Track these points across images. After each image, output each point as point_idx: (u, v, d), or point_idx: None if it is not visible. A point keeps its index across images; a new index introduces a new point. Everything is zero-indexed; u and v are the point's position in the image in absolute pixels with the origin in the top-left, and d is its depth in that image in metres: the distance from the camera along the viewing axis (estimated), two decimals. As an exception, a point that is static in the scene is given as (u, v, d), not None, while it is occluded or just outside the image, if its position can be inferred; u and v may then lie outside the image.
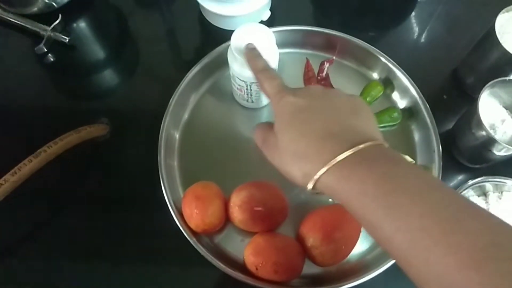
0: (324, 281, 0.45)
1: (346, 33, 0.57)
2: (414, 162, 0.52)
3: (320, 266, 0.45)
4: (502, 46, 0.46)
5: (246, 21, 0.57)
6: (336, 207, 0.47)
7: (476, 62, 0.53)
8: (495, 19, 0.48)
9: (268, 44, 0.45)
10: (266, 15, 0.61)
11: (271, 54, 0.46)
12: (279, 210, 0.46)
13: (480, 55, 0.52)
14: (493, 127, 0.47)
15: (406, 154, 0.52)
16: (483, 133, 0.44)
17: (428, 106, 0.52)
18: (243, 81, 0.49)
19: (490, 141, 0.45)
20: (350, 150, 0.28)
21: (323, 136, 0.30)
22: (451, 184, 0.51)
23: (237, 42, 0.45)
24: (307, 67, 0.57)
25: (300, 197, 0.50)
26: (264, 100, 0.54)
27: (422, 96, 0.52)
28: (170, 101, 0.52)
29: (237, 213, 0.45)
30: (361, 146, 0.29)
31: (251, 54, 0.41)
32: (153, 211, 0.49)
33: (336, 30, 0.57)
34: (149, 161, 0.49)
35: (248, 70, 0.46)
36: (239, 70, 0.47)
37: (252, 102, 0.53)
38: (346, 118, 0.32)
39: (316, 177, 0.29)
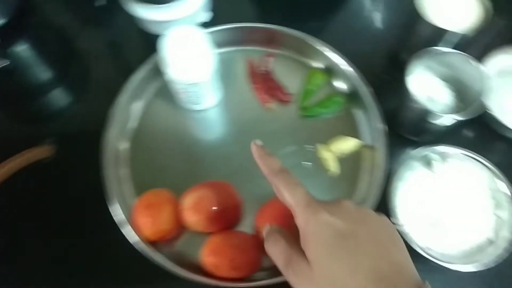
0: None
1: (288, 26, 0.58)
2: (361, 143, 0.53)
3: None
4: (423, 19, 0.48)
5: (185, 24, 0.57)
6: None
7: (406, 37, 0.55)
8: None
9: (200, 46, 0.45)
10: (207, 16, 0.61)
11: (205, 56, 0.46)
12: (232, 208, 0.47)
13: (408, 30, 0.53)
14: (429, 98, 0.49)
15: (351, 136, 0.53)
16: (418, 105, 0.46)
17: (368, 88, 0.53)
18: (179, 85, 0.49)
19: (426, 112, 0.46)
20: None
21: (374, 278, 0.27)
22: (399, 158, 0.52)
23: (165, 47, 0.45)
24: (249, 64, 0.58)
25: (255, 192, 0.51)
26: (209, 100, 0.54)
27: (363, 78, 0.53)
28: (111, 112, 0.52)
29: (188, 216, 0.45)
30: None
31: (261, 153, 0.37)
32: (106, 229, 0.47)
33: (278, 24, 0.58)
34: (98, 177, 0.49)
35: (183, 73, 0.46)
36: (173, 75, 0.47)
37: (197, 104, 0.54)
38: (391, 253, 0.29)
39: None
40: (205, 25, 0.60)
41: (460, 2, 0.49)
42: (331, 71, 0.57)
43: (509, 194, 0.45)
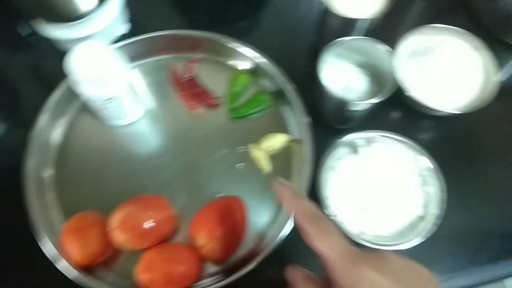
0: (233, 270, 0.45)
1: (210, 30, 0.57)
2: (289, 138, 0.53)
3: (215, 263, 0.45)
4: (331, 11, 0.49)
5: (103, 38, 0.56)
6: (218, 202, 0.47)
7: (322, 30, 0.55)
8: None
9: (107, 60, 0.44)
10: (125, 28, 0.60)
11: (114, 70, 0.45)
12: (164, 221, 0.46)
13: (322, 22, 0.54)
14: (346, 86, 0.50)
15: (283, 132, 0.53)
16: (333, 95, 0.46)
17: (291, 84, 0.53)
18: (94, 102, 0.47)
19: (342, 102, 0.47)
20: None
21: None
22: (328, 148, 0.52)
23: (71, 65, 0.44)
24: (172, 72, 0.57)
25: (190, 201, 0.50)
26: (134, 113, 0.53)
27: (286, 75, 0.54)
28: (30, 136, 0.50)
29: (116, 236, 0.43)
30: None
31: (289, 196, 0.32)
32: (37, 261, 0.46)
33: (202, 28, 0.57)
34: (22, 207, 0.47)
35: (93, 90, 0.45)
36: (86, 93, 0.46)
37: (120, 119, 0.52)
38: None
39: None
40: (124, 37, 0.59)
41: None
42: (255, 71, 0.57)
43: (434, 169, 0.46)
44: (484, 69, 0.54)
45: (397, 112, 0.57)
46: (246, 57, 0.57)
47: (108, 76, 0.45)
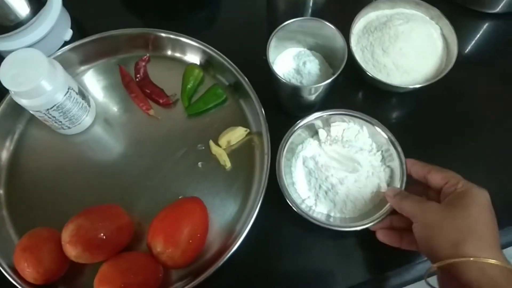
0: (202, 270, 0.44)
1: (161, 26, 0.55)
2: (248, 131, 0.51)
3: (175, 268, 0.44)
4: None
5: (43, 49, 0.53)
6: (175, 205, 0.45)
7: (271, 15, 0.53)
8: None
9: (41, 68, 0.42)
10: (69, 34, 0.57)
11: (50, 78, 0.43)
12: (118, 230, 0.44)
13: (271, 8, 0.52)
14: (298, 71, 0.47)
15: (242, 126, 0.51)
16: (284, 82, 0.44)
17: (245, 77, 0.51)
18: (38, 111, 0.45)
19: (295, 87, 0.45)
20: None
21: (496, 235, 0.36)
22: (289, 135, 0.49)
23: (6, 76, 0.41)
24: (122, 73, 0.55)
25: (150, 206, 0.48)
26: (84, 121, 0.51)
27: (236, 67, 0.52)
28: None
29: (69, 250, 0.41)
30: None
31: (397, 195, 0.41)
32: None
33: (152, 26, 0.55)
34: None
35: (33, 100, 0.43)
36: (26, 103, 0.44)
37: (69, 127, 0.50)
38: None
39: (481, 259, 0.33)
40: (70, 42, 0.56)
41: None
42: (208, 65, 0.55)
43: (394, 144, 0.44)
44: (443, 39, 0.51)
45: (358, 91, 0.55)
46: (198, 51, 0.54)
47: (45, 85, 0.43)
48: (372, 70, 0.50)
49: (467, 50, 0.58)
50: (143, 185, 0.50)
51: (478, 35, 0.59)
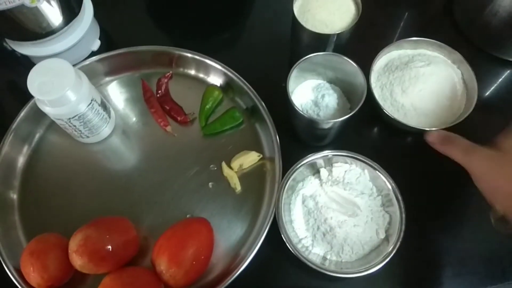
0: None
1: (186, 45, 0.56)
2: (261, 156, 0.51)
3: (177, 288, 0.44)
4: (301, 26, 0.47)
5: (71, 57, 0.55)
6: (182, 224, 0.45)
7: (296, 46, 0.54)
8: (294, 4, 0.49)
9: (68, 78, 0.43)
10: (97, 44, 0.59)
11: (75, 88, 0.44)
12: (125, 244, 0.44)
13: (295, 39, 0.53)
14: (316, 103, 0.48)
15: (255, 150, 0.52)
16: (302, 113, 0.45)
17: (262, 102, 0.52)
18: (60, 119, 0.46)
19: (311, 120, 0.45)
20: None
21: None
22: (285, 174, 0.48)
23: (33, 84, 0.43)
24: (144, 88, 0.56)
25: (157, 222, 0.49)
26: (103, 132, 0.52)
27: (255, 92, 0.53)
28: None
29: (74, 260, 0.42)
30: None
31: (444, 139, 0.42)
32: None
33: (176, 43, 0.57)
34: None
35: (58, 108, 0.44)
36: (49, 111, 0.45)
37: (87, 137, 0.51)
38: None
39: None
40: (97, 53, 0.58)
41: (333, 5, 0.49)
42: (227, 87, 0.56)
43: (395, 190, 0.44)
44: (464, 83, 0.51)
45: (374, 127, 0.55)
46: (219, 73, 0.56)
47: (70, 95, 0.44)
48: (389, 108, 0.50)
49: (485, 95, 0.58)
50: (153, 199, 0.51)
51: (498, 82, 0.59)
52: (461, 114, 0.49)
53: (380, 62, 0.53)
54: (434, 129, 0.46)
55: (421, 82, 0.49)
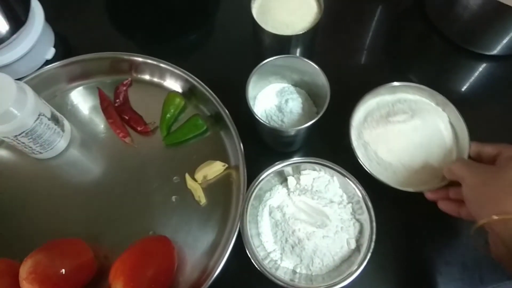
0: None
1: (147, 51, 0.54)
2: (226, 166, 0.49)
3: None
4: (263, 28, 0.45)
5: (22, 68, 0.52)
6: (141, 244, 0.43)
7: (259, 49, 0.51)
8: (252, 5, 0.46)
9: (9, 93, 0.40)
10: (51, 53, 0.56)
11: (18, 103, 0.41)
12: (79, 267, 0.42)
13: (257, 42, 0.50)
14: (280, 109, 0.45)
15: (220, 160, 0.49)
16: (262, 122, 0.42)
17: (226, 109, 0.49)
18: (6, 137, 0.43)
19: (273, 129, 0.43)
20: None
21: None
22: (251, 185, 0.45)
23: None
24: (101, 97, 0.53)
25: (117, 240, 0.46)
26: (58, 146, 0.49)
27: (219, 101, 0.50)
28: None
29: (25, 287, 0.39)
30: None
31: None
32: None
33: (137, 50, 0.54)
34: None
35: (2, 126, 0.41)
36: (-7, 128, 0.42)
37: (40, 152, 0.48)
38: None
39: None
40: (52, 61, 0.55)
41: (293, 4, 0.46)
42: (190, 94, 0.53)
43: (365, 198, 0.42)
44: (451, 127, 0.47)
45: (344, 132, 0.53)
46: (181, 79, 0.53)
47: (13, 111, 0.41)
48: (376, 168, 0.45)
49: (462, 90, 0.57)
50: (113, 216, 0.48)
51: (473, 76, 0.57)
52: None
53: (359, 115, 0.48)
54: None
55: (406, 138, 0.45)
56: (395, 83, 0.47)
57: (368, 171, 0.44)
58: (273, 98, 0.47)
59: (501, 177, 0.36)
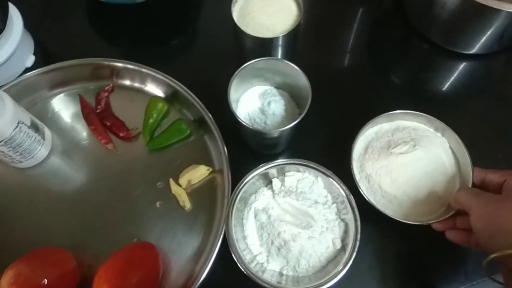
0: None
1: (128, 55, 0.53)
2: (210, 169, 0.49)
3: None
4: (244, 32, 0.45)
5: (1, 75, 0.52)
6: (125, 251, 0.42)
7: (241, 52, 0.51)
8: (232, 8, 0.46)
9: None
10: (30, 61, 0.55)
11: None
12: (62, 277, 0.41)
13: (239, 45, 0.50)
14: (263, 111, 0.45)
15: (204, 164, 0.49)
16: (244, 124, 0.42)
17: (209, 113, 0.49)
18: (-17, 146, 0.43)
19: (256, 131, 0.43)
20: None
21: None
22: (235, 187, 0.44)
23: None
24: (82, 104, 0.52)
25: (102, 249, 0.45)
26: (38, 154, 0.49)
27: (202, 105, 0.50)
28: None
29: (5, 300, 0.38)
30: None
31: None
32: None
33: (117, 54, 0.54)
34: None
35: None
36: (-31, 138, 0.41)
37: (21, 161, 0.47)
38: None
39: None
40: (31, 69, 0.54)
41: (273, 7, 0.47)
42: (176, 99, 0.52)
43: (349, 197, 0.42)
44: (452, 152, 0.47)
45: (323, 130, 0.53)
46: (163, 84, 0.53)
47: (-9, 119, 0.40)
48: (381, 201, 0.45)
49: (442, 90, 0.57)
50: (97, 224, 0.47)
51: (453, 76, 0.58)
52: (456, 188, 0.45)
53: (359, 147, 0.47)
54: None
55: (410, 169, 0.44)
56: (393, 112, 0.47)
57: (375, 206, 0.43)
58: (256, 100, 0.47)
59: (510, 208, 0.35)
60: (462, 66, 0.58)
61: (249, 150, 0.51)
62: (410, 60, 0.61)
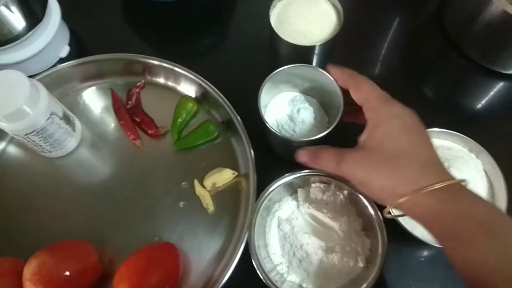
0: None
1: (162, 53, 0.53)
2: (236, 174, 0.48)
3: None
4: (281, 37, 0.44)
5: (36, 65, 0.52)
6: (147, 249, 0.42)
7: (275, 57, 0.51)
8: (270, 13, 0.46)
9: (23, 90, 0.40)
10: (65, 51, 0.55)
11: (31, 101, 0.41)
12: (84, 270, 0.41)
13: (274, 50, 0.49)
14: (292, 118, 0.45)
15: (229, 167, 0.49)
16: (273, 131, 0.41)
17: (238, 116, 0.49)
18: (17, 135, 0.43)
19: (284, 138, 0.42)
20: (451, 181, 0.32)
21: (426, 162, 0.34)
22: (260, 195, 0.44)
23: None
24: (114, 98, 0.53)
25: (123, 246, 0.45)
26: (68, 145, 0.49)
27: (232, 107, 0.49)
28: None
29: (28, 288, 0.39)
30: (455, 180, 0.32)
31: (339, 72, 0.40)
32: None
33: (152, 52, 0.53)
34: None
35: (12, 124, 0.41)
36: (5, 126, 0.42)
37: (50, 151, 0.48)
38: (435, 151, 0.35)
39: (415, 193, 0.32)
40: (66, 60, 0.54)
41: (312, 14, 0.46)
42: (205, 99, 0.52)
43: (376, 213, 0.41)
44: (486, 176, 0.45)
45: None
46: (194, 84, 0.52)
47: (25, 108, 0.41)
48: (410, 221, 0.42)
49: (477, 108, 0.56)
50: (119, 219, 0.48)
51: (489, 95, 0.56)
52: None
53: None
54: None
55: None
56: (428, 129, 0.44)
57: (404, 227, 0.42)
58: (285, 106, 0.47)
59: (376, 167, 0.34)
60: (500, 85, 0.56)
61: (274, 156, 0.50)
62: (444, 74, 0.59)
